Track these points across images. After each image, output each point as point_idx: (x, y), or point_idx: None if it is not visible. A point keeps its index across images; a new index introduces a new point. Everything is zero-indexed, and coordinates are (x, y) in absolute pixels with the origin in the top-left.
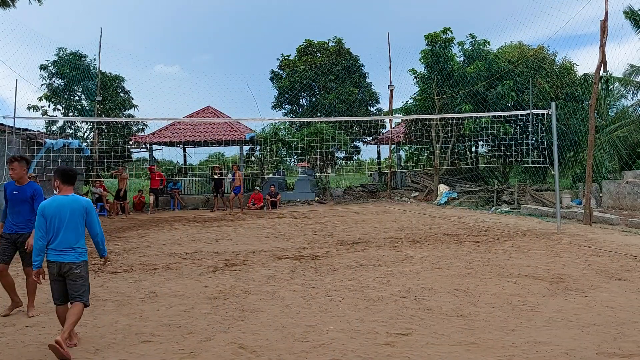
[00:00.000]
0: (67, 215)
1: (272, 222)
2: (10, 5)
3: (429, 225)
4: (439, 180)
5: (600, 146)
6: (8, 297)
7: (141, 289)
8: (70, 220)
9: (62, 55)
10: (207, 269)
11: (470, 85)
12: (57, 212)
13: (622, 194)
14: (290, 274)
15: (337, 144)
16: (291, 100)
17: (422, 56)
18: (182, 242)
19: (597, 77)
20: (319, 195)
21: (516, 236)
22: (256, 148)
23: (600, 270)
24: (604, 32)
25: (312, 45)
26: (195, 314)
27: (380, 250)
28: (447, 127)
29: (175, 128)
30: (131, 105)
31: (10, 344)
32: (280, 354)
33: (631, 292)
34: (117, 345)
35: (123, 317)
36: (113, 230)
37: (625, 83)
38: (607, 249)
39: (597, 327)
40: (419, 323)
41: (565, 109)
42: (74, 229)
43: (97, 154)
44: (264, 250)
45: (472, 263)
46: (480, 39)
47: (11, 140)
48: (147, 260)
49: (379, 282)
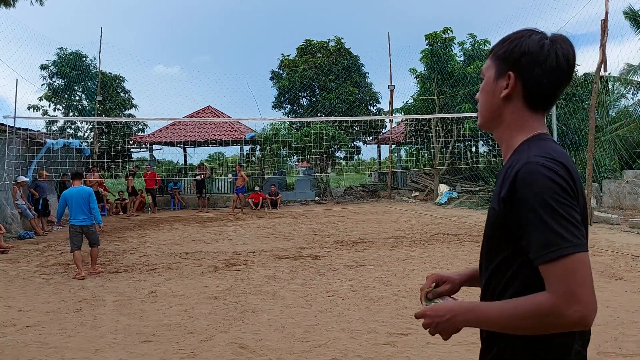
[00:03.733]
0: (79, 198)
1: (272, 222)
2: (11, 4)
3: (430, 225)
4: (439, 180)
5: (601, 146)
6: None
7: (141, 289)
8: (80, 200)
9: (63, 55)
10: (207, 268)
11: (471, 85)
12: (73, 196)
13: (622, 194)
14: (291, 273)
15: (338, 144)
16: (291, 100)
17: (423, 56)
18: (183, 242)
19: (598, 76)
20: (319, 195)
21: None
22: (256, 148)
23: (600, 270)
24: (604, 31)
25: (312, 45)
26: (195, 313)
27: (380, 250)
28: (447, 127)
29: (175, 128)
30: (131, 105)
31: (11, 344)
32: (280, 353)
33: (632, 292)
34: (117, 345)
35: (123, 317)
36: (113, 230)
37: (626, 83)
38: (607, 248)
39: (597, 326)
40: (419, 323)
41: (565, 109)
42: (84, 205)
43: (98, 154)
44: (264, 250)
45: (472, 263)
46: (480, 39)
47: (11, 140)
48: (147, 260)
49: (379, 281)
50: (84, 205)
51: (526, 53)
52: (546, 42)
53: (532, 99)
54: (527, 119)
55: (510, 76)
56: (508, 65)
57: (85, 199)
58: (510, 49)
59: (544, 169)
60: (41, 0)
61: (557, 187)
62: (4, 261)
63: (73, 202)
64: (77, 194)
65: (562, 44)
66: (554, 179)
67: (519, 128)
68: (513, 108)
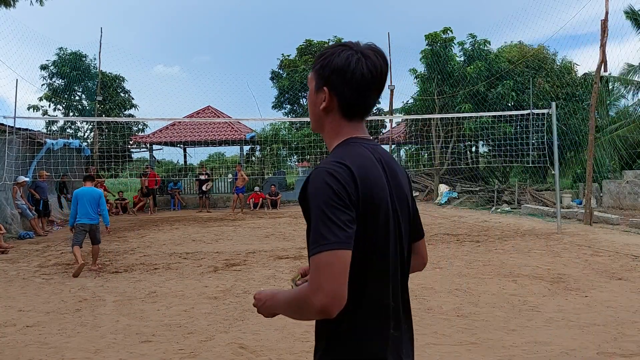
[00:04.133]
0: (90, 198)
1: (272, 222)
2: (11, 5)
3: (430, 225)
4: (440, 180)
5: (601, 146)
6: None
7: (141, 289)
8: (91, 200)
9: (63, 55)
10: (207, 268)
11: (471, 85)
12: (84, 195)
13: (622, 194)
14: (291, 274)
15: None
16: (291, 100)
17: (423, 56)
18: (183, 242)
19: (598, 77)
20: None
21: (516, 236)
22: (256, 148)
23: (600, 270)
24: (604, 31)
25: (312, 45)
26: (195, 313)
27: None
28: (447, 127)
29: (175, 128)
30: (131, 105)
31: (11, 344)
32: (280, 353)
33: (631, 292)
34: (117, 345)
35: (123, 317)
36: (113, 230)
37: (626, 83)
38: (607, 248)
39: (597, 327)
40: (419, 323)
41: (565, 109)
42: (94, 206)
43: (98, 154)
44: (264, 250)
45: (472, 263)
46: (480, 39)
47: (11, 140)
48: (147, 260)
49: None
50: (94, 205)
51: (335, 70)
52: (354, 59)
53: (346, 111)
54: (343, 127)
55: (325, 91)
56: (323, 81)
57: (96, 200)
58: (323, 65)
59: (324, 174)
60: (41, 0)
61: (330, 191)
62: (4, 261)
63: (85, 201)
64: (89, 194)
65: (371, 57)
66: (330, 184)
67: (335, 135)
68: (331, 119)
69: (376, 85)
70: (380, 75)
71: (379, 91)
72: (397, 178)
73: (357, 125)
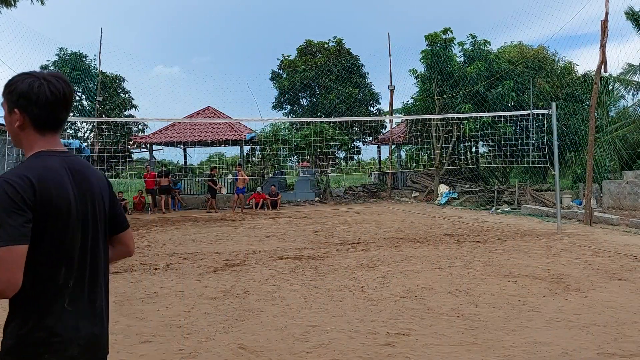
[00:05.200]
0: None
1: (272, 223)
2: (11, 4)
3: (430, 225)
4: (440, 180)
5: (601, 146)
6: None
7: (141, 289)
8: None
9: (63, 56)
10: (207, 269)
11: (471, 85)
12: None
13: (622, 194)
14: (291, 274)
15: (338, 144)
16: (291, 100)
17: (423, 56)
18: (183, 242)
19: (598, 77)
20: (319, 195)
21: (516, 236)
22: (256, 148)
23: (600, 270)
24: (604, 32)
25: (312, 45)
26: (195, 314)
27: (380, 250)
28: (447, 127)
29: (175, 128)
30: (131, 105)
31: None
32: (280, 354)
33: (632, 293)
34: (117, 346)
35: (123, 318)
36: None
37: (626, 83)
38: (607, 249)
39: (597, 327)
40: (419, 323)
41: (565, 109)
42: None
43: (98, 154)
44: (264, 251)
45: (472, 263)
46: (480, 39)
47: None
48: (147, 260)
49: (379, 282)
50: None
51: (21, 94)
52: (36, 84)
53: (38, 126)
54: (36, 141)
55: (16, 112)
56: (13, 104)
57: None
58: (10, 91)
59: (4, 184)
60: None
61: (7, 198)
62: None
63: None
64: None
65: (52, 81)
66: (6, 192)
67: (29, 148)
68: (26, 134)
69: (61, 103)
70: (63, 95)
71: (66, 108)
72: (87, 183)
73: (51, 139)
